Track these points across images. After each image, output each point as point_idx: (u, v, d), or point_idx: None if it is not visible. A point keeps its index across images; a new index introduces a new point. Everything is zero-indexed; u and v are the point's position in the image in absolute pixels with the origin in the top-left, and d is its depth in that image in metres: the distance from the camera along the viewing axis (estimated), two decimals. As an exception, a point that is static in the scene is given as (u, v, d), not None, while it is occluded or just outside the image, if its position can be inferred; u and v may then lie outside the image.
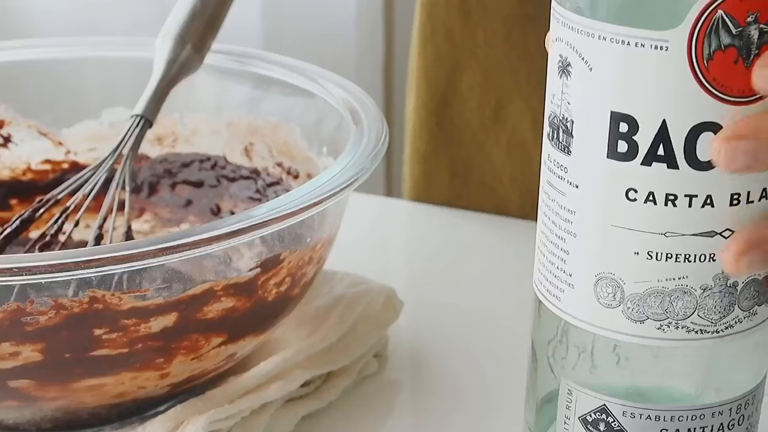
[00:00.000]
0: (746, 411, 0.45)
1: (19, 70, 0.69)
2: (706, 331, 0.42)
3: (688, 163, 0.40)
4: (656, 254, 0.41)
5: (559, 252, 0.44)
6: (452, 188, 0.82)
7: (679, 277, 0.41)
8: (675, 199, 0.41)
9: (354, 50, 1.43)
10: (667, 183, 0.40)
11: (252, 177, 0.67)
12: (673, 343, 0.43)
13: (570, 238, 0.43)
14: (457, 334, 0.65)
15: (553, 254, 0.44)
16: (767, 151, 0.39)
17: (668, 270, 0.41)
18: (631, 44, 0.39)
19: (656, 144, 0.40)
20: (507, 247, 0.77)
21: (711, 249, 0.41)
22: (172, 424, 0.53)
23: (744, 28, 0.38)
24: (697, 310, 0.42)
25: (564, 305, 0.44)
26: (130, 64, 0.69)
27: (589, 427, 0.45)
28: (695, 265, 0.41)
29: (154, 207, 0.70)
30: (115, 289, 0.49)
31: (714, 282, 0.42)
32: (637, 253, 0.41)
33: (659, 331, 0.42)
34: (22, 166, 0.69)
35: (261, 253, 0.54)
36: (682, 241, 0.41)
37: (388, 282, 0.64)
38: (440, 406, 0.60)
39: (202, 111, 0.69)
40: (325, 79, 0.64)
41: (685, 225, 0.41)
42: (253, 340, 0.56)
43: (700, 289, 0.42)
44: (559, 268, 0.44)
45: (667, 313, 0.42)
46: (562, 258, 0.44)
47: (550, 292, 0.45)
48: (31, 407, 0.53)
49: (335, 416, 0.58)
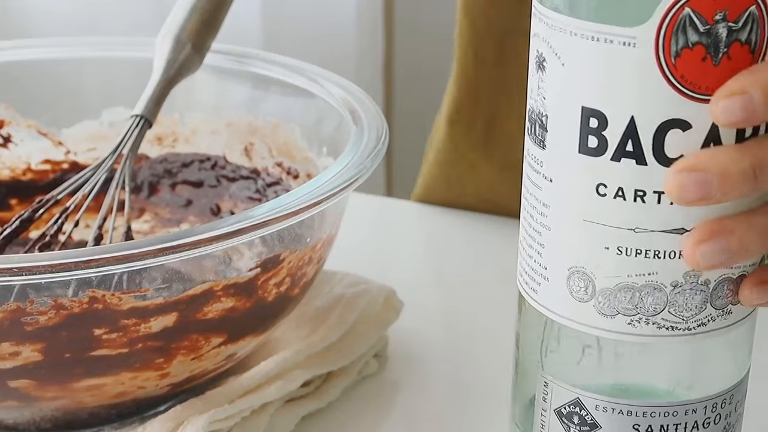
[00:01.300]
0: (723, 410, 0.45)
1: (19, 70, 0.69)
2: (677, 328, 0.42)
3: (656, 160, 0.40)
4: (626, 249, 0.41)
5: (536, 245, 0.44)
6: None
7: (648, 272, 0.42)
8: (644, 195, 0.41)
9: (354, 50, 1.43)
10: (635, 179, 0.41)
11: (252, 177, 0.67)
12: (644, 339, 0.43)
13: (545, 232, 0.44)
14: (457, 335, 0.65)
15: (531, 248, 0.45)
16: (719, 184, 0.39)
17: (638, 266, 0.42)
18: (600, 40, 0.39)
19: (625, 140, 0.40)
20: (507, 248, 0.77)
21: (680, 246, 0.41)
22: (172, 424, 0.53)
23: (712, 26, 0.38)
24: (667, 307, 0.42)
25: (541, 298, 0.45)
26: (130, 64, 0.69)
27: (563, 420, 0.46)
28: (665, 261, 0.41)
29: (154, 207, 0.70)
30: (115, 289, 0.49)
31: (684, 279, 0.42)
32: (608, 248, 0.42)
33: (630, 327, 0.43)
34: (22, 166, 0.69)
35: (261, 253, 0.54)
36: (651, 237, 0.41)
37: (388, 282, 0.64)
38: (440, 406, 0.60)
39: (201, 111, 0.69)
40: (325, 78, 0.64)
41: (654, 221, 0.41)
42: (252, 340, 0.56)
43: (670, 286, 0.42)
44: (536, 262, 0.44)
45: (638, 308, 0.42)
46: (538, 251, 0.44)
47: (529, 285, 0.45)
48: (31, 407, 0.53)
49: (335, 416, 0.58)
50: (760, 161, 0.40)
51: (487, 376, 0.62)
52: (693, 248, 0.41)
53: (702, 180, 0.39)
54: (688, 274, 0.42)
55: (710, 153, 0.40)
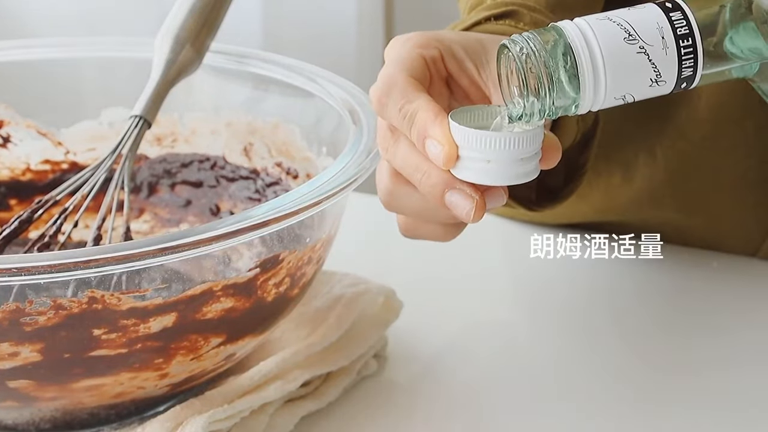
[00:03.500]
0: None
1: (18, 70, 0.69)
2: None
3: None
4: None
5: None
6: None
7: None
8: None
9: (354, 50, 1.43)
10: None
11: (251, 177, 0.67)
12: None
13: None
14: (456, 335, 0.65)
15: None
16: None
17: None
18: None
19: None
20: (507, 248, 0.77)
21: None
22: (172, 424, 0.53)
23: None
24: None
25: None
26: (129, 64, 0.69)
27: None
28: None
29: (153, 207, 0.70)
30: (114, 290, 0.49)
31: None
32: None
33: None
34: (22, 166, 0.69)
35: (260, 253, 0.53)
36: None
37: (388, 282, 0.64)
38: (439, 406, 0.60)
39: (201, 111, 0.69)
40: (324, 78, 0.64)
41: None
42: (252, 340, 0.56)
43: None
44: None
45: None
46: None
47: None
48: (30, 407, 0.53)
49: (335, 416, 0.58)
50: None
51: (487, 375, 0.62)
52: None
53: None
54: None
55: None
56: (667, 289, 0.69)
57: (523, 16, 0.58)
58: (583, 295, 0.69)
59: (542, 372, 0.62)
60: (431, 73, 0.52)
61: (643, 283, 0.70)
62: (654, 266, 0.71)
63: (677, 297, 0.68)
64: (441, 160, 0.49)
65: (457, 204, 0.50)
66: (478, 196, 0.50)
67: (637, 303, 0.68)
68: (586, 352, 0.64)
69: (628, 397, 0.60)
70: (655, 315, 0.67)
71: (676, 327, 0.65)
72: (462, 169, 0.49)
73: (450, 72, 0.53)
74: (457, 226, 0.55)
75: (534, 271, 0.73)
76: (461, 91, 0.54)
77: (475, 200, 0.50)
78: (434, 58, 0.52)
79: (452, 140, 0.49)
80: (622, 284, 0.70)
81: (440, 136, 0.49)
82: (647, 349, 0.63)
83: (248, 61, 0.67)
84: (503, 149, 0.48)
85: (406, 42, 0.53)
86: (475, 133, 0.48)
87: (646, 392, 0.60)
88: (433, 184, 0.50)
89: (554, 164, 0.51)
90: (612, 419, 0.58)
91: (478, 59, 0.53)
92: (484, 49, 0.53)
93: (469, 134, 0.48)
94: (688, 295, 0.68)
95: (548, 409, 0.59)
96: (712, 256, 0.71)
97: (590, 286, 0.70)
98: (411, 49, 0.52)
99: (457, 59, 0.53)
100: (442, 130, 0.49)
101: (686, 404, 0.58)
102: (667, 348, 0.63)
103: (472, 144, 0.48)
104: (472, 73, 0.53)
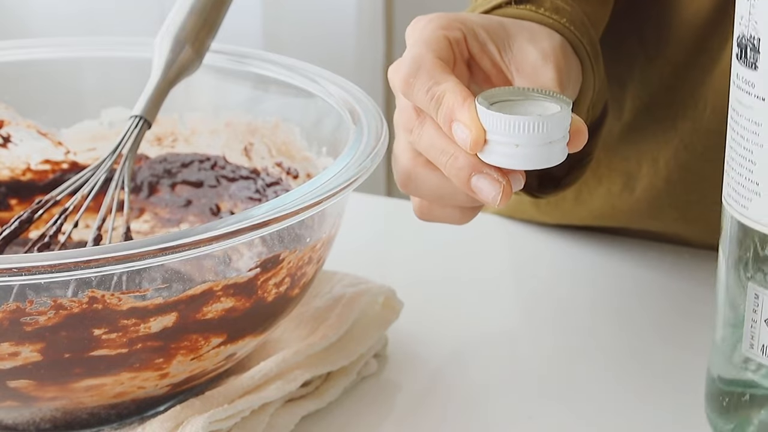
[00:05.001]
0: None
1: (18, 70, 0.69)
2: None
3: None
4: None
5: (747, 164, 0.47)
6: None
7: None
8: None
9: (354, 50, 1.43)
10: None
11: (251, 177, 0.67)
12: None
13: (757, 149, 0.46)
14: (457, 335, 0.65)
15: (741, 166, 0.48)
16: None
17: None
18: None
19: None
20: (507, 248, 0.77)
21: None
22: (172, 424, 0.53)
23: None
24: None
25: (752, 214, 0.48)
26: (130, 64, 0.69)
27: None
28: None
29: (153, 207, 0.70)
30: (115, 290, 0.49)
31: None
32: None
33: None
34: (22, 166, 0.69)
35: (260, 253, 0.53)
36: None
37: (388, 282, 0.64)
38: (439, 406, 0.60)
39: (201, 111, 0.69)
40: (325, 78, 0.64)
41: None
42: (252, 340, 0.56)
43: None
44: (747, 179, 0.48)
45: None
46: (749, 169, 0.47)
47: (739, 203, 0.48)
48: (31, 407, 0.53)
49: (335, 416, 0.58)
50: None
51: (487, 375, 0.62)
52: None
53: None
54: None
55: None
56: (668, 289, 0.69)
57: (543, 1, 0.57)
58: (584, 296, 0.69)
59: (542, 372, 0.62)
60: (455, 55, 0.52)
61: (644, 285, 0.70)
62: (654, 266, 0.71)
63: (678, 297, 0.68)
64: (468, 144, 0.49)
65: (483, 188, 0.50)
66: (505, 181, 0.50)
67: (639, 305, 0.68)
68: (587, 352, 0.64)
69: (629, 399, 0.60)
70: (655, 315, 0.67)
71: (676, 327, 0.65)
72: (490, 153, 0.49)
73: (472, 54, 0.53)
74: (473, 209, 0.54)
75: (535, 272, 0.73)
76: (482, 73, 0.54)
77: (502, 184, 0.50)
78: (458, 39, 0.52)
79: (480, 125, 0.49)
80: (623, 285, 0.70)
81: (468, 120, 0.49)
82: (649, 351, 0.63)
83: (248, 61, 0.67)
84: (532, 133, 0.48)
85: (429, 23, 0.53)
86: (504, 118, 0.48)
87: (648, 394, 0.60)
88: (460, 168, 0.50)
89: (581, 147, 0.51)
90: (612, 419, 0.58)
91: (500, 42, 0.53)
92: (506, 32, 0.53)
93: (497, 118, 0.48)
94: (687, 295, 0.68)
95: (548, 409, 0.59)
96: (713, 256, 0.71)
97: (591, 287, 0.70)
98: (435, 30, 0.52)
99: (480, 41, 0.53)
100: (470, 114, 0.49)
101: (688, 404, 0.58)
102: (668, 348, 0.63)
103: (500, 128, 0.48)
104: (494, 55, 0.53)
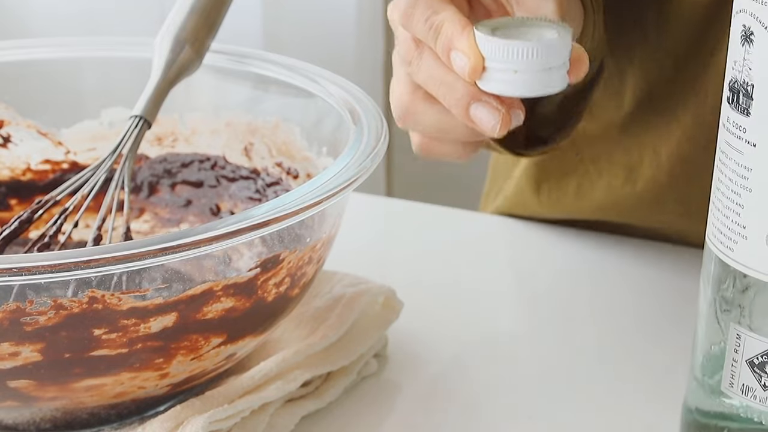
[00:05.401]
0: None
1: (18, 70, 0.69)
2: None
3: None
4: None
5: (734, 206, 0.47)
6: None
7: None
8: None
9: (354, 50, 1.43)
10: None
11: (251, 177, 0.67)
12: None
13: (745, 193, 0.47)
14: (457, 335, 0.65)
15: (728, 209, 0.48)
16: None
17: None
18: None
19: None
20: (508, 248, 0.77)
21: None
22: (172, 424, 0.53)
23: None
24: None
25: (737, 256, 0.47)
26: (130, 64, 0.69)
27: (755, 370, 0.48)
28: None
29: (153, 207, 0.70)
30: (115, 290, 0.49)
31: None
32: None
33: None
34: (22, 166, 0.69)
35: (261, 253, 0.54)
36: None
37: (388, 282, 0.64)
38: (439, 406, 0.60)
39: (201, 111, 0.69)
40: (325, 78, 0.64)
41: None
42: (252, 340, 0.56)
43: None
44: (734, 222, 0.47)
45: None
46: (737, 212, 0.47)
47: (724, 244, 0.48)
48: (31, 407, 0.53)
49: (335, 416, 0.58)
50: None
51: (488, 375, 0.62)
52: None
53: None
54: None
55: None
56: (669, 289, 0.69)
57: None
58: (584, 297, 0.69)
59: (543, 373, 0.62)
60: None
61: (644, 285, 0.70)
62: (655, 266, 0.71)
63: (678, 297, 0.68)
64: (467, 72, 0.49)
65: (482, 118, 0.49)
66: (504, 109, 0.49)
67: (639, 305, 0.68)
68: (587, 352, 0.64)
69: (630, 399, 0.60)
70: (656, 316, 0.67)
71: (677, 327, 0.65)
72: (488, 81, 0.49)
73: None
74: (474, 144, 0.54)
75: (535, 272, 0.73)
76: (482, 8, 0.53)
77: (501, 113, 0.49)
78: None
79: (478, 52, 0.48)
80: (623, 285, 0.70)
81: (466, 47, 0.49)
82: (649, 351, 0.63)
83: (248, 61, 0.67)
84: (530, 58, 0.48)
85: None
86: (502, 43, 0.48)
87: (648, 394, 0.60)
88: (459, 97, 0.50)
89: (581, 77, 0.50)
90: (612, 419, 0.58)
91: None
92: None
93: (495, 44, 0.48)
94: (687, 295, 0.68)
95: (548, 409, 0.59)
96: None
97: (592, 287, 0.70)
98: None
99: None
100: (468, 42, 0.49)
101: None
102: (668, 348, 0.63)
103: (498, 54, 0.48)
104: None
